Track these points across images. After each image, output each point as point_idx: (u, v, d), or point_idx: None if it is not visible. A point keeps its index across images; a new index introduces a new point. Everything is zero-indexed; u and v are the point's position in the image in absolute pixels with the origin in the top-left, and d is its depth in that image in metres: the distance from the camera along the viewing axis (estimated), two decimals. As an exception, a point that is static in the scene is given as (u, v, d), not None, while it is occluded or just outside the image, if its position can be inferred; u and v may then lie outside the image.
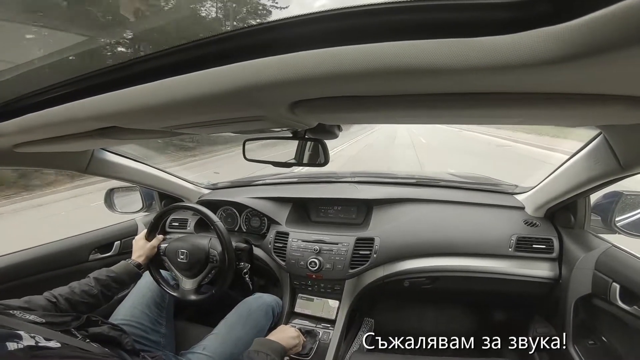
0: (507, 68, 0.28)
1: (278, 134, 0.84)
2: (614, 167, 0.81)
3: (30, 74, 0.56)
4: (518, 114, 0.46)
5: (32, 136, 0.76)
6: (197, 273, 1.23)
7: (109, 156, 1.26)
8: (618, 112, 0.43)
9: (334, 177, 1.78)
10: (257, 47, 0.37)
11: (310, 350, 1.23)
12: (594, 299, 1.05)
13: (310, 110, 0.48)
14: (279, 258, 1.44)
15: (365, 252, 1.34)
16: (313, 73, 0.35)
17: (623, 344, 1.02)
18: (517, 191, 1.44)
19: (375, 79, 0.35)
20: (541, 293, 1.26)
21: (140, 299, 1.20)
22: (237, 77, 0.39)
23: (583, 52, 0.25)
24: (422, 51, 0.30)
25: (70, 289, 0.95)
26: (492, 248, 1.27)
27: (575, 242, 1.18)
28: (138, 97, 0.48)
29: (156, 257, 1.24)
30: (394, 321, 1.68)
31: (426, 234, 1.35)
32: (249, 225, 1.68)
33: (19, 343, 0.55)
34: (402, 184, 1.65)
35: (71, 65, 0.53)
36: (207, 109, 0.50)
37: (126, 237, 1.55)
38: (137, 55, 0.44)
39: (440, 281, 1.32)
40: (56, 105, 0.58)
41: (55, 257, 1.32)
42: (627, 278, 0.93)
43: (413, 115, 0.51)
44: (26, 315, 0.70)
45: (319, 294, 1.41)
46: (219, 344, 1.09)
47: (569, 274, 1.15)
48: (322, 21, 0.33)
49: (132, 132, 0.69)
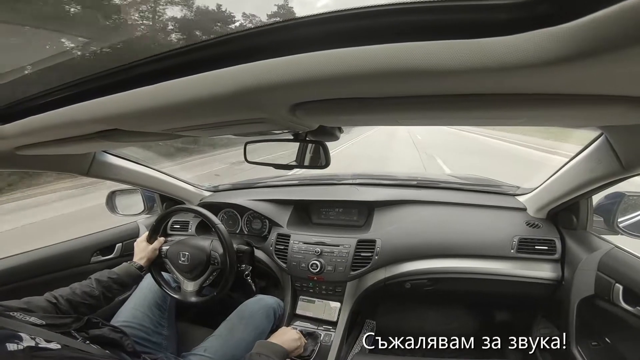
0: (508, 69, 0.28)
1: (279, 136, 0.84)
2: (616, 167, 0.81)
3: (33, 76, 0.57)
4: (520, 115, 0.46)
5: (34, 139, 0.76)
6: (199, 275, 1.23)
7: (110, 159, 1.26)
8: (619, 112, 0.43)
9: (335, 179, 1.78)
10: (259, 50, 0.37)
11: (311, 353, 1.22)
12: (596, 300, 1.05)
13: (312, 113, 0.48)
14: (280, 260, 1.44)
15: (367, 254, 1.34)
16: (314, 75, 0.35)
17: (626, 344, 1.01)
18: (519, 192, 1.44)
19: (377, 81, 0.35)
20: (544, 294, 1.26)
21: (142, 301, 1.20)
22: (238, 79, 0.39)
23: (584, 52, 0.25)
24: (423, 52, 0.30)
25: (72, 290, 0.95)
26: (494, 249, 1.26)
27: (578, 243, 1.17)
28: (140, 100, 0.48)
29: (158, 259, 1.24)
30: (396, 323, 1.67)
31: (428, 235, 1.35)
32: (250, 227, 1.68)
33: (19, 344, 0.56)
34: (404, 186, 1.65)
35: (73, 67, 0.53)
36: (209, 111, 0.50)
37: (128, 240, 1.55)
38: (139, 58, 0.44)
39: (442, 283, 1.32)
40: (58, 107, 0.58)
41: (56, 260, 1.32)
42: (630, 279, 0.93)
43: (414, 117, 0.51)
44: (26, 316, 0.70)
45: (321, 295, 1.41)
46: (220, 345, 1.09)
47: (571, 275, 1.14)
48: (324, 23, 0.33)
49: (133, 134, 0.69)
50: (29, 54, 0.64)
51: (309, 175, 1.96)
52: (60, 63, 0.54)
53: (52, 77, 0.56)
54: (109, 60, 0.49)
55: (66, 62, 0.53)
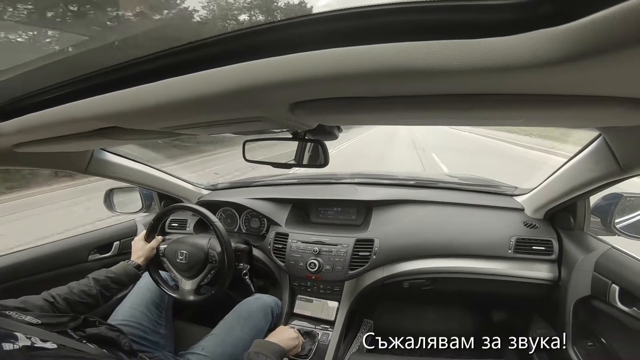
0: (508, 69, 0.28)
1: (278, 134, 0.84)
2: (614, 168, 0.81)
3: (31, 74, 0.56)
4: (518, 115, 0.46)
5: (32, 136, 0.76)
6: (197, 274, 1.23)
7: (108, 156, 1.26)
8: (618, 113, 0.43)
9: (334, 178, 1.78)
10: (258, 48, 0.37)
11: (309, 352, 1.22)
12: (593, 301, 1.05)
13: (311, 112, 0.48)
14: (279, 259, 1.44)
15: (365, 254, 1.34)
16: (313, 74, 0.35)
17: (622, 345, 1.02)
18: (517, 193, 1.44)
19: (376, 80, 0.35)
20: (540, 294, 1.26)
21: (140, 299, 1.20)
22: (237, 77, 0.39)
23: (584, 53, 0.25)
24: (423, 52, 0.30)
25: (69, 288, 0.94)
26: (492, 250, 1.27)
27: (575, 243, 1.18)
28: (138, 98, 0.48)
29: (155, 258, 1.24)
30: (394, 322, 1.67)
31: (426, 235, 1.35)
32: (248, 226, 1.68)
33: (15, 343, 0.55)
34: (402, 185, 1.65)
35: (71, 65, 0.53)
36: (207, 109, 0.50)
37: (125, 238, 1.55)
38: (138, 56, 0.44)
39: (440, 282, 1.32)
40: (56, 105, 0.58)
41: (54, 258, 1.32)
42: (627, 280, 0.93)
43: (414, 116, 0.51)
44: (22, 316, 0.70)
45: (319, 295, 1.41)
46: (218, 344, 1.09)
47: (568, 275, 1.15)
48: (323, 22, 0.33)
49: (132, 132, 0.69)
50: (27, 51, 0.64)
51: (307, 174, 1.96)
52: (59, 60, 0.53)
53: (51, 75, 0.56)
54: (108, 58, 0.49)
55: (65, 59, 0.53)
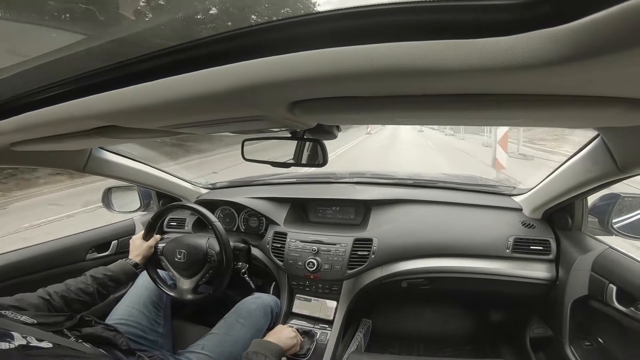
0: (507, 69, 0.28)
1: (277, 134, 0.84)
2: (612, 169, 0.81)
3: (29, 72, 0.56)
4: (517, 115, 0.46)
5: (30, 135, 0.75)
6: (195, 273, 1.22)
7: (106, 155, 1.26)
8: (617, 114, 0.43)
9: (333, 178, 1.79)
10: (257, 47, 0.37)
11: (307, 351, 1.22)
12: (590, 300, 1.06)
13: (310, 111, 0.48)
14: (277, 258, 1.44)
15: (364, 253, 1.35)
16: (313, 73, 0.35)
17: (619, 345, 1.02)
18: (515, 192, 1.45)
19: (376, 80, 0.35)
20: (538, 294, 1.27)
21: (138, 298, 1.19)
22: (236, 76, 0.39)
23: (583, 53, 0.25)
24: (423, 52, 0.30)
25: (66, 286, 0.94)
26: (490, 249, 1.27)
27: (572, 243, 1.18)
28: (137, 96, 0.47)
29: (153, 256, 1.24)
30: (392, 322, 1.68)
31: (424, 235, 1.35)
32: (247, 225, 1.68)
33: (11, 343, 0.55)
34: (401, 185, 1.65)
35: (69, 63, 0.53)
36: (206, 108, 0.50)
37: (124, 237, 1.54)
38: (137, 55, 0.44)
39: (438, 282, 1.32)
40: (54, 104, 0.57)
41: (52, 256, 1.31)
42: (624, 279, 0.94)
43: (413, 116, 0.50)
44: (17, 315, 0.69)
45: (317, 294, 1.41)
46: (218, 343, 1.09)
47: (565, 275, 1.15)
48: (323, 21, 0.33)
49: (130, 131, 0.69)
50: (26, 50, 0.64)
51: (306, 174, 1.96)
52: (57, 59, 0.53)
53: (49, 73, 0.55)
54: (107, 56, 0.49)
55: (64, 58, 0.52)
